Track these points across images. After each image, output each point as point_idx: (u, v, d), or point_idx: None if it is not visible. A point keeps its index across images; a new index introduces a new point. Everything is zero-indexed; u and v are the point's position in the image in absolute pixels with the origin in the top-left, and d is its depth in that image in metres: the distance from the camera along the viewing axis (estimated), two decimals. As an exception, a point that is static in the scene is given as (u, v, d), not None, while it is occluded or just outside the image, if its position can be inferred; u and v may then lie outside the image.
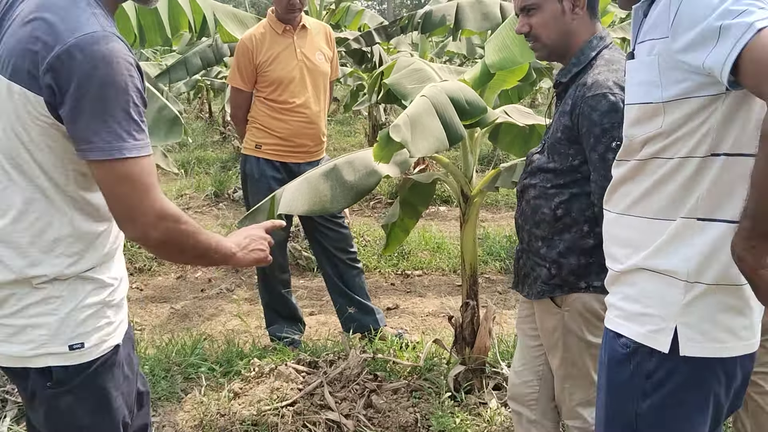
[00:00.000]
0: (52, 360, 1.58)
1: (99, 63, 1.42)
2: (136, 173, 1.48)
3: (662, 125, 1.44)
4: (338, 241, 4.03)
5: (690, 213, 1.43)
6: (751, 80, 1.24)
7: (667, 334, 1.45)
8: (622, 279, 1.57)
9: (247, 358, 3.69)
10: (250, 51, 3.84)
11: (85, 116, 1.44)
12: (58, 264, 1.56)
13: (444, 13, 5.41)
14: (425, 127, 2.43)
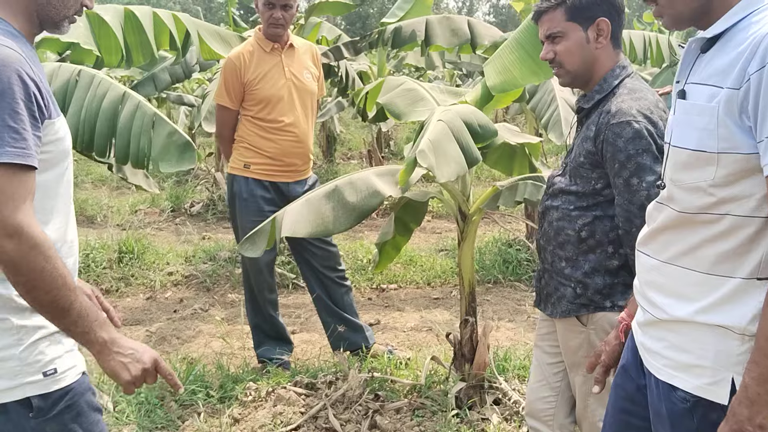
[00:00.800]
0: (30, 389, 1.58)
1: None
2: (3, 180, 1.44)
3: (714, 177, 1.40)
4: (326, 260, 4.02)
5: (751, 273, 1.41)
6: None
7: (725, 386, 1.44)
8: (666, 326, 1.56)
9: (243, 382, 3.63)
10: (238, 69, 3.79)
11: None
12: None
13: (414, 29, 5.46)
14: (446, 152, 2.46)
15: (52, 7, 1.62)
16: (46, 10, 1.62)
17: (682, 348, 1.51)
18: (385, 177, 3.24)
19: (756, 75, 1.30)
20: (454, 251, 6.34)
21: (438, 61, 7.61)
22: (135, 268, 5.78)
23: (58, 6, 1.62)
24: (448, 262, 6.10)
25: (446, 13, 10.78)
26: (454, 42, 5.46)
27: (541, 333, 2.55)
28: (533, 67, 2.99)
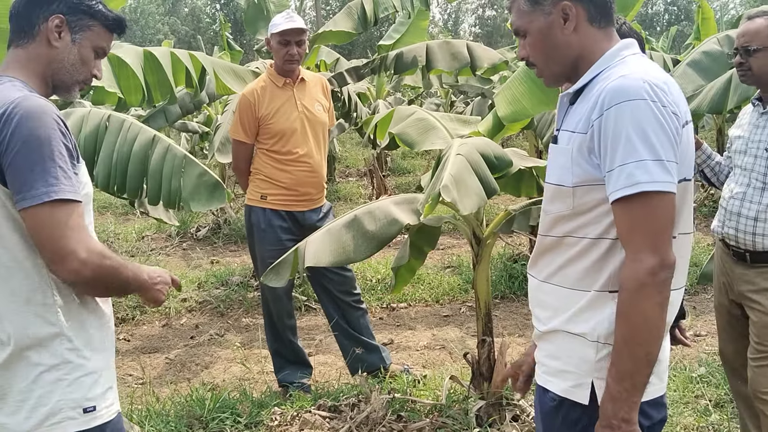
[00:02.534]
0: (71, 425, 1.70)
1: (23, 120, 1.58)
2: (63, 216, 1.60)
3: (573, 206, 1.61)
4: (342, 284, 4.14)
5: (602, 287, 1.60)
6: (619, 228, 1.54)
7: (585, 388, 1.62)
8: (544, 337, 1.74)
9: (267, 406, 3.73)
10: (253, 105, 3.93)
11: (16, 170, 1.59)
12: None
13: (415, 54, 5.62)
14: (467, 186, 2.59)
15: (65, 72, 1.76)
16: (60, 75, 1.76)
17: (554, 356, 1.71)
18: (402, 205, 3.37)
19: (596, 122, 1.53)
20: (460, 268, 6.48)
21: (435, 82, 7.78)
22: (149, 295, 5.86)
23: (72, 71, 1.77)
24: (456, 279, 6.23)
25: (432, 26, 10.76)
26: (455, 66, 5.62)
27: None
28: (542, 98, 3.14)
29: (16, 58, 1.74)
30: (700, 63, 5.17)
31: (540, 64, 1.71)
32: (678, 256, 1.57)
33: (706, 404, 3.65)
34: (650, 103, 1.48)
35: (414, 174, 12.19)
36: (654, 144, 1.47)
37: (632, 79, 1.51)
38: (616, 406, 1.52)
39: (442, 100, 12.94)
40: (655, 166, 1.47)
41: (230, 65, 4.20)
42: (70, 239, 1.59)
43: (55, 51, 1.74)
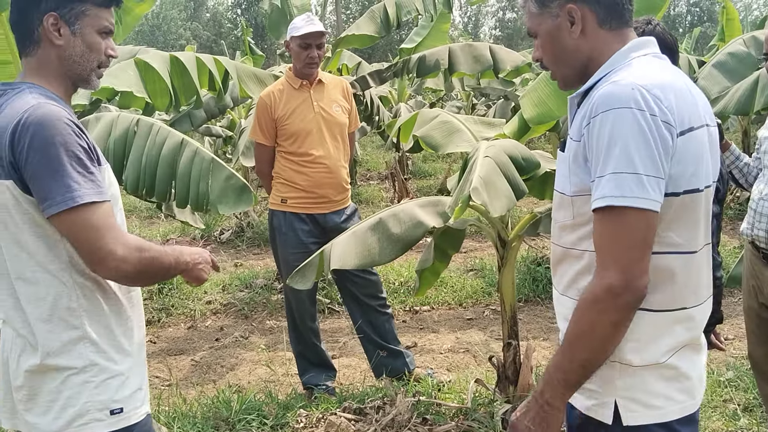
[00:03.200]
0: (99, 427, 1.73)
1: (37, 129, 1.60)
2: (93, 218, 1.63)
3: (573, 216, 1.58)
4: (367, 288, 4.14)
5: None
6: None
7: (609, 407, 1.56)
8: None
9: (293, 409, 3.75)
10: (269, 107, 3.96)
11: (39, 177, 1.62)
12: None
13: (437, 58, 5.63)
14: (496, 188, 2.59)
15: (77, 65, 1.77)
16: (74, 70, 1.78)
17: None
18: (427, 208, 3.38)
19: (586, 129, 1.48)
20: (483, 271, 6.46)
21: (457, 85, 7.78)
22: (175, 298, 5.94)
23: (83, 62, 1.78)
24: (479, 282, 6.22)
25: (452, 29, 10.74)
26: (477, 68, 5.62)
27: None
28: (567, 100, 3.12)
29: (29, 65, 1.77)
30: (726, 64, 5.14)
31: (551, 67, 1.69)
32: (689, 274, 1.54)
33: (735, 408, 3.61)
34: (636, 112, 1.41)
35: (435, 177, 12.18)
36: (632, 156, 1.40)
37: (622, 85, 1.46)
38: (546, 388, 1.54)
39: (464, 103, 12.93)
40: (631, 180, 1.40)
41: (252, 70, 4.24)
42: (104, 239, 1.62)
43: (61, 49, 1.74)
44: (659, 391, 1.55)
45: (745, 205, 8.11)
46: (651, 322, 1.53)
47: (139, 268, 1.67)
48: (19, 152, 1.59)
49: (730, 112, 4.70)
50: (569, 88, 1.73)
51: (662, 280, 1.51)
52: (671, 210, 1.49)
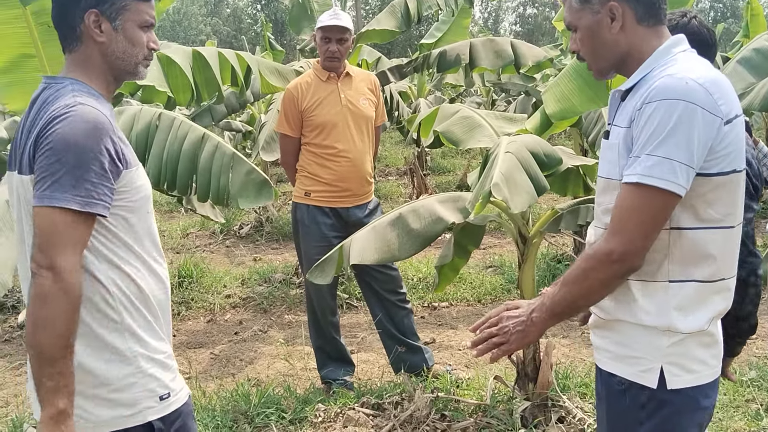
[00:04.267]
0: (151, 413, 1.74)
1: (68, 124, 1.60)
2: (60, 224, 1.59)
3: None
4: (387, 283, 4.14)
5: (662, 278, 1.66)
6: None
7: (655, 372, 1.68)
8: (609, 326, 1.78)
9: (311, 403, 3.76)
10: (296, 98, 3.96)
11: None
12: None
13: (458, 53, 5.61)
14: (517, 183, 2.57)
15: (121, 61, 1.77)
16: (117, 65, 1.77)
17: (621, 343, 1.75)
18: (447, 204, 3.37)
19: (638, 113, 1.60)
20: (502, 267, 6.43)
21: (477, 80, 7.74)
22: (195, 291, 5.97)
23: (126, 57, 1.77)
24: (497, 278, 6.19)
25: (472, 25, 10.69)
26: (498, 63, 5.60)
27: None
28: (591, 95, 3.10)
29: (73, 61, 1.77)
30: (751, 60, 5.04)
31: (588, 59, 1.79)
32: (730, 246, 1.69)
33: (758, 408, 3.57)
34: (688, 104, 1.54)
35: (454, 173, 12.15)
36: (674, 144, 1.54)
37: (677, 78, 1.58)
38: (537, 308, 1.72)
39: (484, 99, 12.87)
40: (664, 164, 1.54)
41: (274, 65, 4.24)
42: (58, 248, 1.56)
43: (103, 46, 1.73)
44: (698, 356, 1.68)
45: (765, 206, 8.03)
46: (698, 292, 1.65)
47: (48, 297, 1.54)
48: (39, 143, 1.61)
49: (756, 109, 4.63)
50: (603, 79, 1.86)
51: (708, 253, 1.64)
52: (717, 189, 1.62)
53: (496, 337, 1.75)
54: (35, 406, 1.70)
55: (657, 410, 1.68)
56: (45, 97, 1.70)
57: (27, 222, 1.70)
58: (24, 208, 1.70)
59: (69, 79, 1.73)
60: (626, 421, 1.74)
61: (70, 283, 1.57)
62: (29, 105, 1.75)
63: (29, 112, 1.73)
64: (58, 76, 1.76)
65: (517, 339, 1.74)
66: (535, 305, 1.73)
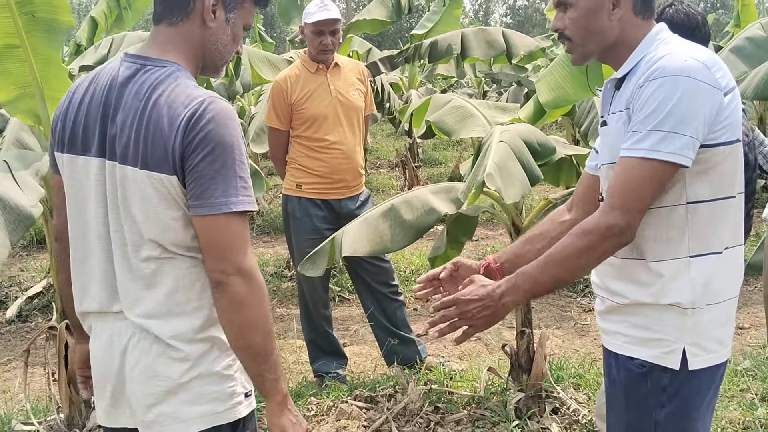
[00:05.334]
0: (241, 410, 1.68)
1: (213, 124, 1.53)
2: (237, 228, 1.56)
3: None
4: (379, 275, 4.10)
5: (683, 254, 1.66)
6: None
7: (677, 354, 1.67)
8: (626, 310, 1.75)
9: (304, 396, 3.72)
10: (285, 91, 3.91)
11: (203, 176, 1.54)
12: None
13: (449, 43, 5.57)
14: (511, 173, 2.54)
15: (218, 53, 1.69)
16: (212, 56, 1.69)
17: (642, 326, 1.73)
18: (439, 194, 3.33)
19: (638, 90, 1.62)
20: (494, 259, 6.40)
21: (469, 71, 7.71)
22: (185, 285, 5.91)
23: (224, 52, 1.70)
24: (490, 270, 6.16)
25: (463, 17, 10.70)
26: (490, 54, 5.56)
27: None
28: (584, 83, 3.06)
29: (170, 38, 1.64)
30: (744, 49, 5.03)
31: (577, 40, 1.75)
32: (738, 215, 1.71)
33: (752, 398, 3.56)
34: (690, 80, 1.57)
35: (446, 165, 12.11)
36: (679, 118, 1.56)
37: (676, 56, 1.61)
38: (508, 291, 1.66)
39: (475, 90, 12.83)
40: (669, 138, 1.55)
41: (265, 54, 4.19)
42: (240, 251, 1.55)
43: (210, 31, 1.64)
44: (717, 336, 1.70)
45: (761, 194, 8.02)
46: (717, 264, 1.66)
47: (247, 301, 1.55)
48: (188, 144, 1.52)
49: (749, 97, 4.61)
50: (582, 63, 1.87)
51: (722, 224, 1.67)
52: (726, 158, 1.65)
53: (458, 321, 1.74)
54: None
55: (678, 392, 1.68)
56: (151, 81, 1.57)
57: (141, 214, 1.58)
58: (133, 202, 1.57)
59: (174, 64, 1.60)
60: (647, 405, 1.72)
61: (259, 281, 1.58)
62: (107, 83, 1.62)
63: (116, 92, 1.60)
64: (153, 57, 1.62)
65: (484, 322, 1.72)
66: (504, 288, 1.66)
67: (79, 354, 1.89)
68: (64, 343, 3.34)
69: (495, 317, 1.71)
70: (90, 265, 1.68)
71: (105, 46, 4.92)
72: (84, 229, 1.67)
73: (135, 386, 1.62)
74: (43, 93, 3.15)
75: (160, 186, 1.55)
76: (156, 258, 1.59)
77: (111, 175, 1.60)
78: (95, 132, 1.62)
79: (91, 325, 1.72)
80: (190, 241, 1.60)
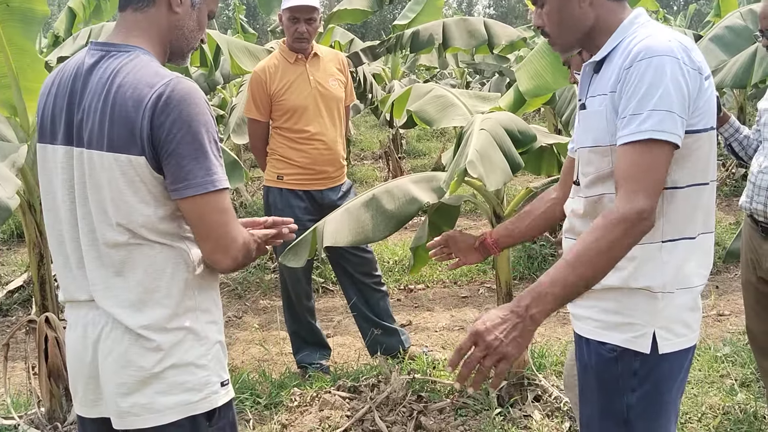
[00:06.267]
0: (217, 399, 1.67)
1: (182, 105, 1.52)
2: (225, 203, 1.59)
3: (611, 163, 1.67)
4: (362, 266, 4.10)
5: (657, 238, 1.66)
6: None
7: (648, 338, 1.68)
8: (596, 295, 1.74)
9: (287, 387, 3.72)
10: (264, 81, 3.88)
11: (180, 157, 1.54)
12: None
13: (431, 33, 5.54)
14: (492, 161, 2.54)
15: (184, 39, 1.69)
16: (178, 42, 1.69)
17: (613, 311, 1.73)
18: (421, 184, 3.32)
19: (625, 73, 1.61)
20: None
21: (451, 61, 7.69)
22: (167, 278, 5.88)
23: (190, 38, 1.70)
24: (473, 260, 6.17)
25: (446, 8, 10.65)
26: (472, 43, 5.54)
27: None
28: (564, 72, 3.07)
29: (136, 23, 1.63)
30: (723, 38, 5.06)
31: (553, 33, 1.78)
32: (710, 202, 1.72)
33: (732, 384, 3.60)
34: (675, 60, 1.58)
35: (429, 156, 12.10)
36: (672, 97, 1.56)
37: (659, 38, 1.62)
38: (534, 302, 1.53)
39: (458, 81, 12.82)
40: (668, 118, 1.55)
41: (245, 44, 4.15)
42: (230, 226, 1.58)
43: (176, 17, 1.64)
44: (686, 319, 1.71)
45: (741, 183, 8.10)
46: (689, 249, 1.67)
47: (247, 259, 1.66)
48: (159, 126, 1.50)
49: (728, 85, 4.65)
50: (566, 54, 1.91)
51: (696, 210, 1.68)
52: (704, 145, 1.67)
53: (487, 358, 1.50)
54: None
55: (648, 376, 1.69)
56: (115, 66, 1.56)
57: (108, 198, 1.56)
58: (100, 186, 1.56)
59: (139, 48, 1.60)
60: (619, 389, 1.73)
61: (250, 252, 1.68)
62: (73, 72, 1.62)
63: (82, 80, 1.59)
64: (117, 42, 1.61)
65: (515, 345, 1.50)
66: (529, 300, 1.52)
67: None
68: (44, 336, 3.32)
69: (525, 336, 1.51)
70: (64, 255, 1.67)
71: (83, 37, 4.86)
72: (56, 218, 1.67)
73: (109, 376, 1.61)
74: (18, 84, 3.11)
75: (127, 168, 1.54)
76: (125, 244, 1.58)
77: (78, 162, 1.59)
78: (61, 120, 1.62)
79: (68, 315, 1.72)
80: (159, 224, 1.59)
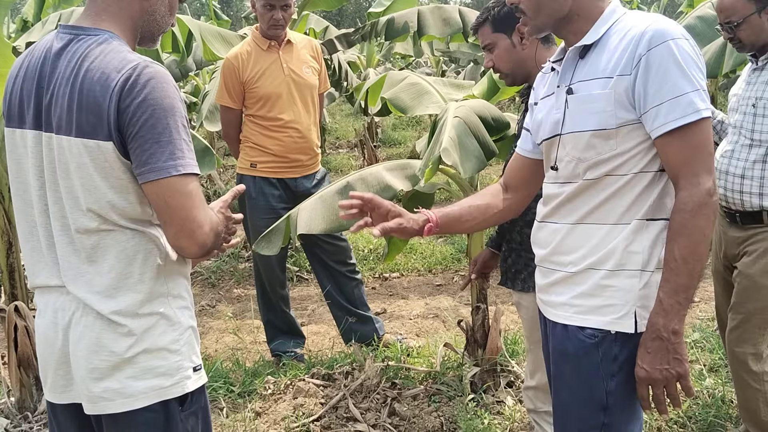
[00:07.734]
0: (189, 384, 1.66)
1: (148, 88, 1.50)
2: (190, 188, 1.55)
3: (617, 147, 1.67)
4: (336, 254, 4.09)
5: (642, 216, 1.68)
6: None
7: (630, 317, 1.68)
8: (574, 279, 1.76)
9: (261, 376, 3.71)
10: (237, 69, 3.84)
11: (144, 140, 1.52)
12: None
13: (406, 20, 5.52)
14: (467, 148, 2.54)
15: (155, 23, 1.67)
16: (150, 26, 1.67)
17: (590, 294, 1.73)
18: (395, 171, 3.32)
19: (644, 57, 1.61)
20: (452, 237, 6.44)
21: (426, 50, 7.68)
22: (139, 267, 5.82)
23: (161, 23, 1.69)
24: (448, 248, 6.20)
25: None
26: (447, 31, 5.52)
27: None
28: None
29: (106, 7, 1.61)
30: (695, 28, 5.10)
31: (529, 13, 1.77)
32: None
33: (701, 369, 3.66)
34: (688, 41, 1.62)
35: (405, 145, 12.11)
36: (698, 76, 1.60)
37: (665, 22, 1.63)
38: (668, 319, 1.59)
39: (433, 70, 12.82)
40: (703, 94, 1.60)
41: (218, 29, 4.10)
42: (197, 210, 1.54)
43: (148, 2, 1.63)
44: (655, 297, 1.68)
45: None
46: (663, 229, 1.67)
47: (215, 244, 1.62)
48: (124, 109, 1.48)
49: (699, 76, 4.70)
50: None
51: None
52: None
53: (668, 387, 1.64)
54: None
55: (628, 359, 1.69)
56: (83, 49, 1.54)
57: (78, 184, 1.55)
58: (70, 172, 1.55)
59: (107, 32, 1.58)
60: (599, 375, 1.72)
61: (217, 237, 1.62)
62: (41, 56, 1.59)
63: (51, 64, 1.57)
64: (86, 26, 1.59)
65: (678, 363, 1.61)
66: (663, 322, 1.60)
67: None
68: (14, 325, 3.28)
69: (679, 350, 1.61)
70: (35, 240, 1.65)
71: (52, 21, 4.77)
72: (26, 203, 1.65)
73: (80, 362, 1.59)
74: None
75: (96, 153, 1.52)
76: (96, 230, 1.56)
77: (47, 147, 1.57)
78: (30, 104, 1.60)
79: (38, 301, 1.69)
80: (129, 210, 1.57)
